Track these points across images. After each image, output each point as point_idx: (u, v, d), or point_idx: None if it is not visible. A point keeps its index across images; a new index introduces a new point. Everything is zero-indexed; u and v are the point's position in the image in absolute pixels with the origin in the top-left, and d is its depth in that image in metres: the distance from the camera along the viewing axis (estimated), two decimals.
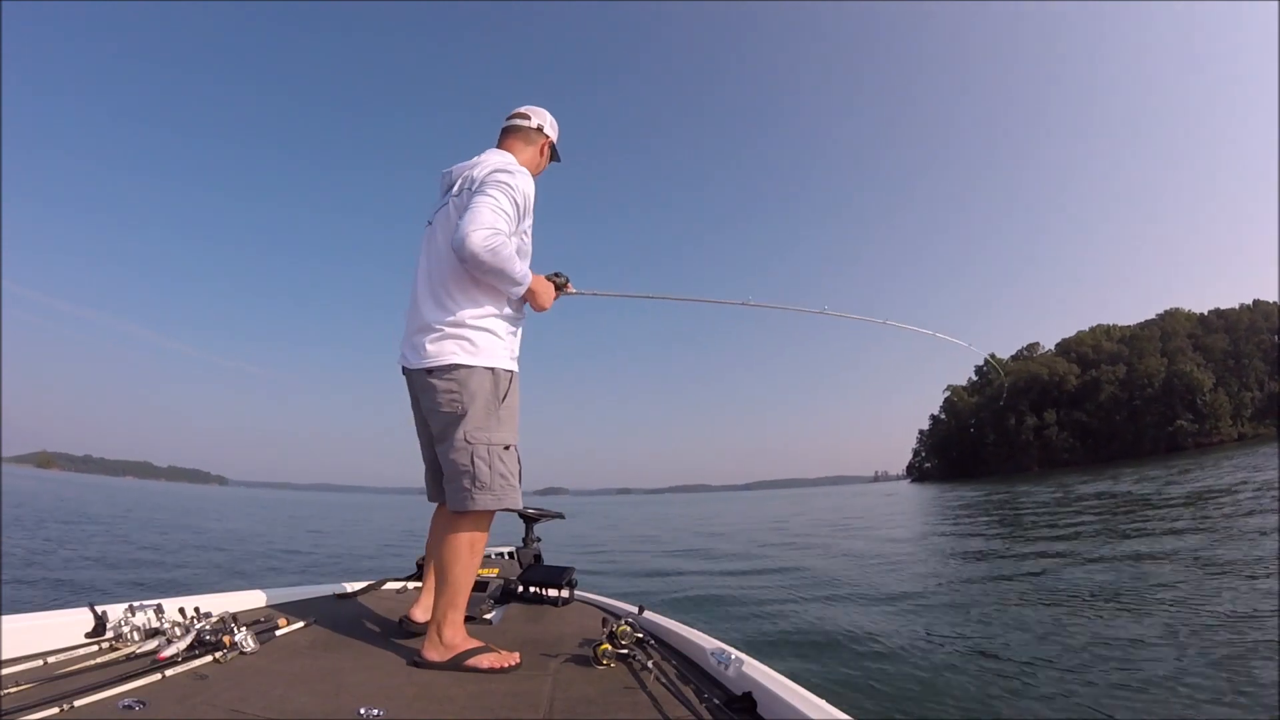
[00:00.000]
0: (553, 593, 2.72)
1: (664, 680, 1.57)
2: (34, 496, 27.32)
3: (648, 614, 2.26)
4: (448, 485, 1.86)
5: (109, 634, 1.74)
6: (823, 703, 1.24)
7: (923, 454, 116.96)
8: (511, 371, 1.91)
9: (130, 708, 1.27)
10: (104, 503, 27.71)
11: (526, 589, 2.76)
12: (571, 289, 2.14)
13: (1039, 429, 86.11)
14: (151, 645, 1.67)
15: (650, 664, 1.67)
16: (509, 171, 1.91)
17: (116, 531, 14.88)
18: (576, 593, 2.80)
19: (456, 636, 1.76)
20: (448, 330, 1.85)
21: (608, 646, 1.75)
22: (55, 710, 1.21)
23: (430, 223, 2.03)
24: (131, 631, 1.75)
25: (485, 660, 1.71)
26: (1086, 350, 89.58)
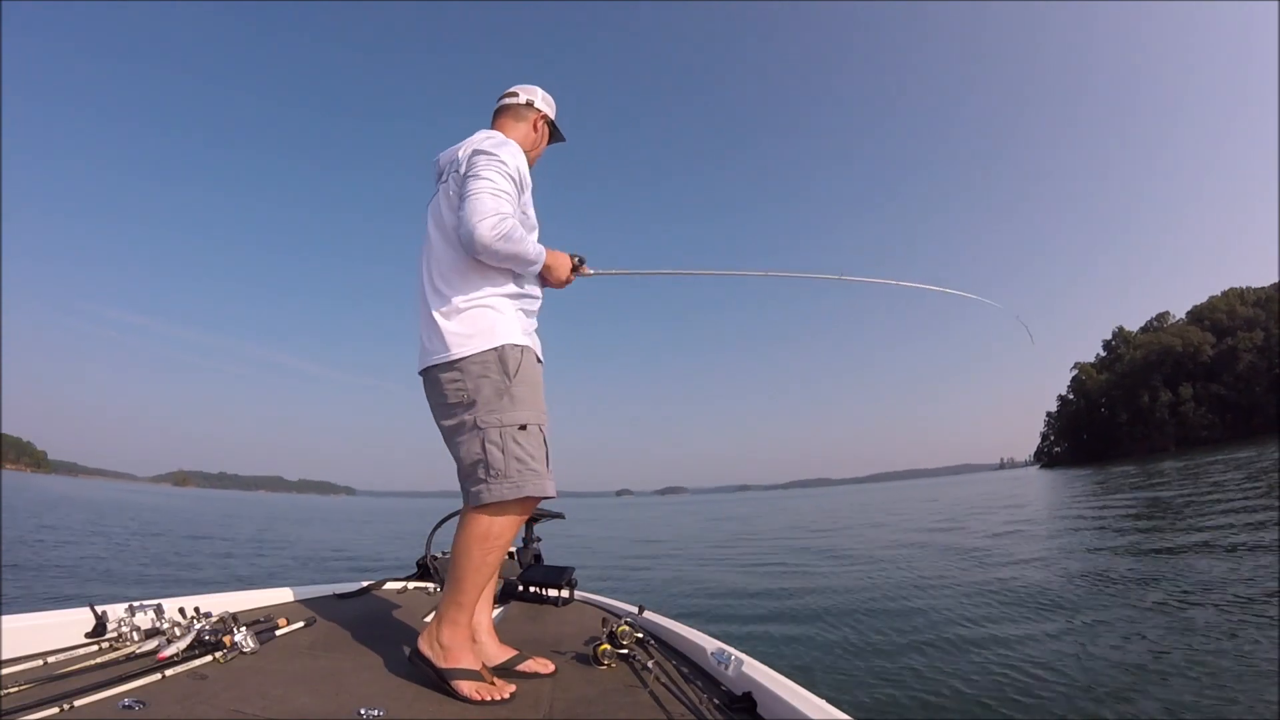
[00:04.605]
0: (553, 593, 2.72)
1: (664, 680, 1.57)
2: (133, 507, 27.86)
3: (648, 614, 2.26)
4: (463, 482, 1.70)
5: (109, 634, 1.73)
6: (823, 703, 1.24)
7: (1051, 438, 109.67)
8: (521, 346, 1.75)
9: (130, 708, 1.27)
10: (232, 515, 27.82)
11: (527, 589, 2.77)
12: (588, 270, 2.05)
13: (1174, 405, 78.29)
14: (151, 645, 1.66)
15: (650, 664, 1.67)
16: (494, 145, 1.77)
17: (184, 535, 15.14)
18: (577, 593, 2.81)
19: (454, 640, 1.60)
20: (445, 321, 1.73)
21: (608, 646, 1.75)
22: (55, 710, 1.21)
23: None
24: (131, 631, 1.74)
25: (471, 689, 1.52)
26: (1220, 317, 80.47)
